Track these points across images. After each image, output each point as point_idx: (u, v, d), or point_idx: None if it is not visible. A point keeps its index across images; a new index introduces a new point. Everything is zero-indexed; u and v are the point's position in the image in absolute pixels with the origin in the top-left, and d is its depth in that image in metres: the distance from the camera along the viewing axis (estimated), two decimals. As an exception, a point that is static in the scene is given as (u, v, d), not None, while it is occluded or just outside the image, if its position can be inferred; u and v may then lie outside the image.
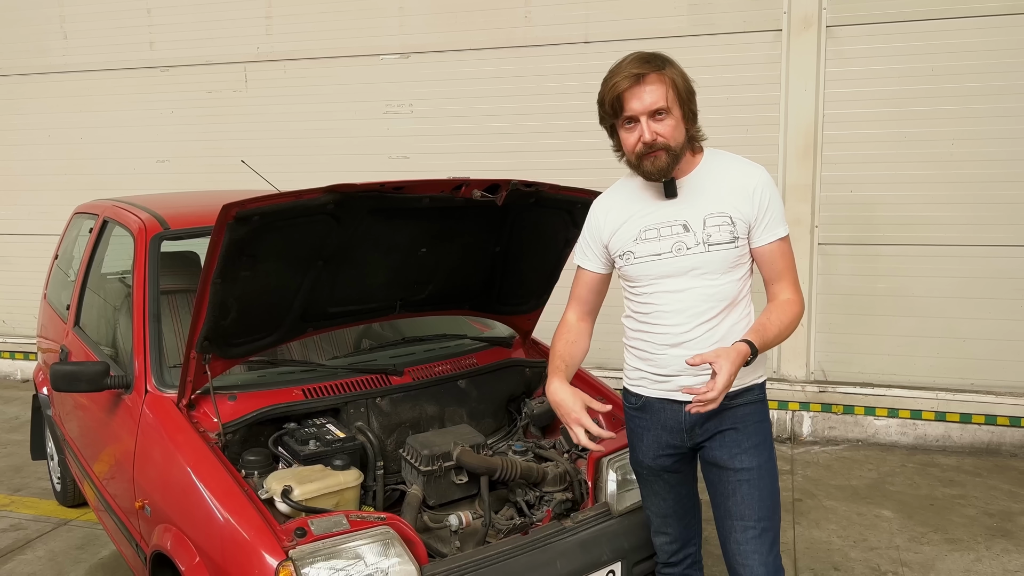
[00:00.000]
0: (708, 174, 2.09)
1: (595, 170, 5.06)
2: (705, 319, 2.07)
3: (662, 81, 1.97)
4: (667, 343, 2.11)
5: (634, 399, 2.25)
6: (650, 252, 2.09)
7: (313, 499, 2.25)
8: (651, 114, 1.97)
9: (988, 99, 4.65)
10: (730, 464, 2.11)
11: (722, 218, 2.04)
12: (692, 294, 2.07)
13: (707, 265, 2.05)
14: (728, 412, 2.11)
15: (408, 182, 2.36)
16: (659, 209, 2.10)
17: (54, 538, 3.87)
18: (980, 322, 4.83)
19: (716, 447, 2.14)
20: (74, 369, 2.74)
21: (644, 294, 2.13)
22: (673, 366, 2.11)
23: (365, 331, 3.57)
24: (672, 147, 2.00)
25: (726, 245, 2.04)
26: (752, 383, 2.15)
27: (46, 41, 6.48)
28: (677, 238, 2.06)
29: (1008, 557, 3.58)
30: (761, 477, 2.11)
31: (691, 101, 2.02)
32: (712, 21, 4.99)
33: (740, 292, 2.10)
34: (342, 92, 5.81)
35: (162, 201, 3.55)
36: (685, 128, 2.03)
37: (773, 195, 2.07)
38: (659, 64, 1.98)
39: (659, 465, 2.25)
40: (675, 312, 2.08)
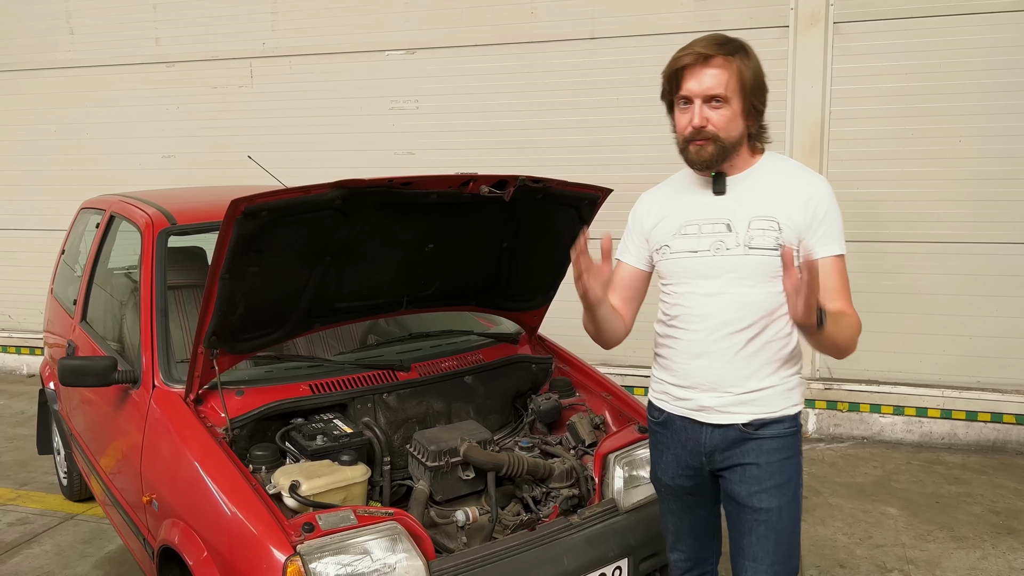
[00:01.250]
0: (763, 176, 1.95)
1: (602, 166, 5.09)
2: (735, 329, 1.92)
3: (727, 67, 1.84)
4: (691, 352, 1.97)
5: (657, 413, 2.12)
6: (687, 248, 1.97)
7: (321, 494, 2.25)
8: (707, 99, 1.86)
9: (996, 96, 4.63)
10: (748, 502, 1.96)
11: (769, 222, 1.89)
12: (725, 299, 1.92)
13: (745, 269, 1.90)
14: (752, 443, 1.95)
15: (416, 178, 2.36)
16: (705, 205, 1.97)
17: (61, 532, 3.88)
18: (986, 320, 4.82)
19: (736, 481, 1.98)
20: (81, 364, 2.75)
21: (675, 294, 2.01)
22: (694, 378, 1.98)
23: (372, 327, 3.57)
24: (721, 139, 1.87)
25: (768, 251, 1.88)
26: (782, 413, 1.96)
27: (52, 36, 6.49)
28: (718, 237, 1.93)
29: (1014, 555, 3.57)
30: (780, 519, 1.95)
31: (756, 96, 1.89)
32: (718, 17, 4.98)
33: (779, 308, 1.91)
34: (347, 88, 5.81)
35: (169, 196, 3.56)
36: (744, 124, 1.90)
37: (831, 208, 1.91)
38: (730, 49, 1.85)
39: (677, 485, 2.13)
40: (704, 317, 1.94)
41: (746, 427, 1.95)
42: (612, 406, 2.99)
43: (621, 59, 5.17)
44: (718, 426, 1.98)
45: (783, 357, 1.95)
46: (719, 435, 1.98)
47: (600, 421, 2.94)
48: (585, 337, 2.84)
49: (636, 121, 5.11)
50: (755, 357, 1.93)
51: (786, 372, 1.96)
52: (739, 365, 1.93)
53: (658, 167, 5.49)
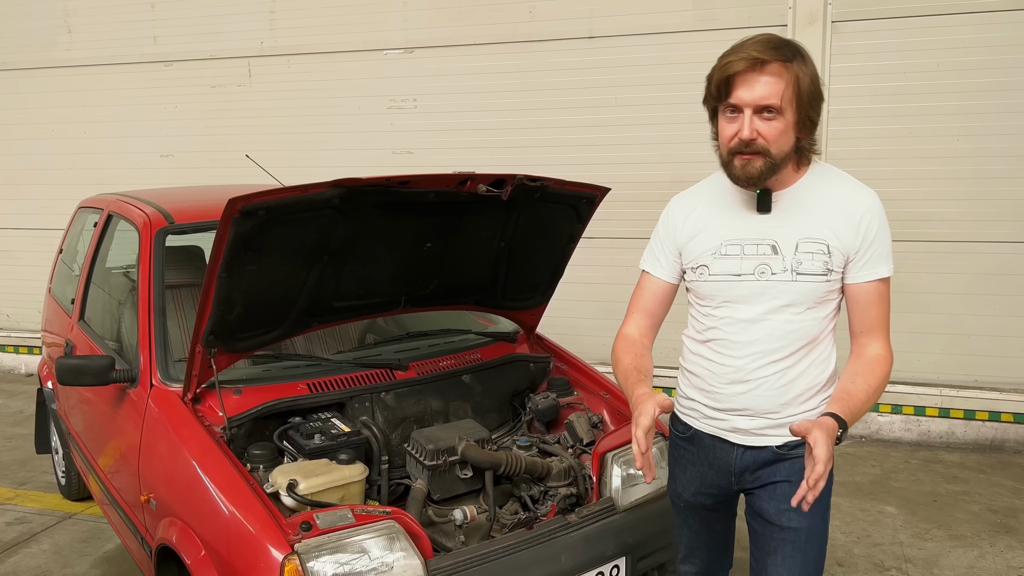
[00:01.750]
0: (810, 192, 1.81)
1: (600, 165, 5.09)
2: (777, 358, 1.81)
3: (783, 75, 1.67)
4: (729, 378, 1.86)
5: (683, 428, 2.02)
6: (728, 271, 1.83)
7: (318, 493, 2.25)
8: (758, 109, 1.69)
9: (993, 95, 4.63)
10: (776, 520, 1.86)
11: (818, 245, 1.76)
12: (767, 327, 1.81)
13: (790, 296, 1.78)
14: (785, 463, 1.85)
15: (414, 176, 2.36)
16: (747, 223, 1.83)
17: (59, 531, 3.88)
18: (984, 319, 4.82)
19: (765, 498, 1.88)
20: (79, 363, 2.75)
21: (712, 316, 1.88)
22: (731, 404, 1.87)
23: (370, 326, 3.57)
24: (772, 154, 1.72)
25: (817, 277, 1.77)
26: None
27: (50, 35, 6.48)
28: (762, 260, 1.79)
29: (1012, 553, 3.58)
30: (808, 540, 1.86)
31: (812, 107, 1.72)
32: (716, 16, 4.98)
33: (822, 332, 1.83)
34: (346, 87, 5.80)
35: (167, 195, 3.55)
36: (796, 137, 1.74)
37: (882, 227, 1.79)
38: (787, 54, 1.68)
39: (698, 502, 2.04)
40: (744, 344, 1.83)
41: (780, 448, 1.87)
42: (610, 405, 2.99)
43: (619, 58, 5.17)
44: (750, 447, 1.89)
45: (823, 381, 1.86)
46: (751, 456, 1.90)
47: (598, 420, 2.95)
48: (583, 336, 2.84)
49: (634, 120, 5.11)
50: (795, 383, 1.83)
51: (825, 395, 1.86)
52: (779, 392, 1.83)
53: (656, 166, 5.50)
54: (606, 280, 5.27)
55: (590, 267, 4.54)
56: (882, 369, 1.80)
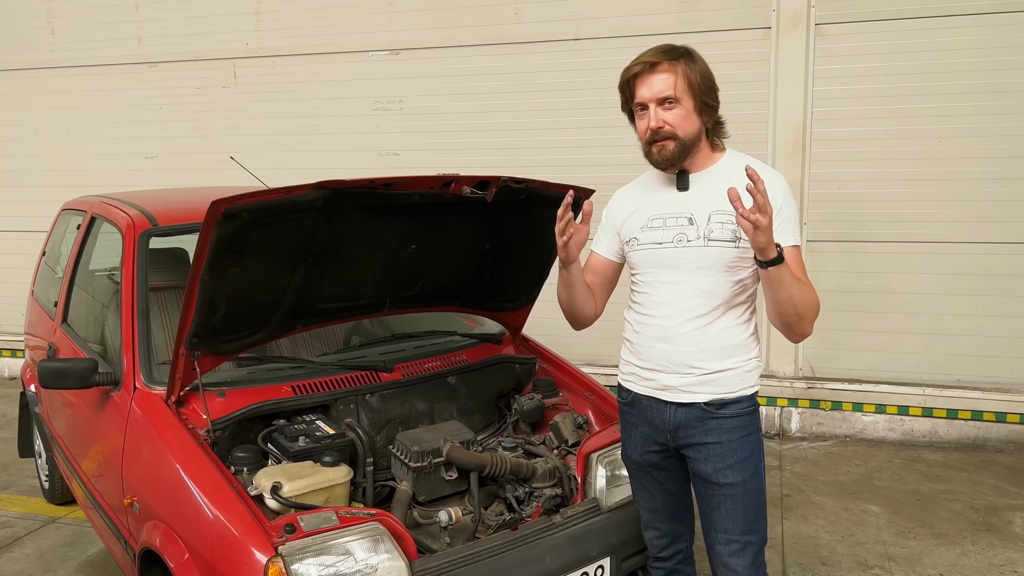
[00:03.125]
0: (724, 173, 2.07)
1: (585, 167, 5.10)
2: (694, 315, 2.06)
3: (672, 70, 2.00)
4: (654, 336, 2.12)
5: (625, 394, 2.26)
6: (652, 240, 2.11)
7: (303, 495, 2.25)
8: (659, 102, 2.01)
9: (975, 97, 4.68)
10: (714, 479, 2.10)
11: (727, 216, 2.00)
12: (685, 288, 2.06)
13: (703, 260, 2.04)
14: (714, 422, 2.09)
15: (398, 178, 2.36)
16: (670, 200, 2.12)
17: (42, 536, 3.85)
18: (966, 319, 4.87)
19: (701, 460, 2.12)
20: (62, 366, 2.73)
21: (642, 283, 2.15)
22: (658, 360, 2.12)
23: (355, 328, 3.56)
24: (680, 136, 2.02)
25: (726, 243, 2.03)
26: (740, 393, 2.11)
27: (33, 36, 6.44)
28: (680, 229, 2.07)
29: (993, 551, 3.61)
30: (746, 493, 2.10)
31: (706, 94, 2.03)
32: (701, 19, 5.01)
33: (737, 296, 2.08)
34: (332, 89, 5.80)
35: (151, 198, 3.54)
36: (700, 121, 2.04)
37: (786, 203, 2.04)
38: (674, 55, 2.01)
39: (647, 461, 2.25)
40: (666, 304, 2.09)
41: (707, 406, 2.09)
42: (595, 406, 3.00)
43: (605, 60, 5.18)
44: (681, 404, 2.11)
45: (741, 342, 2.09)
46: (683, 413, 2.12)
47: (583, 421, 2.95)
48: (568, 337, 2.85)
49: (619, 122, 5.04)
50: (714, 341, 2.07)
51: (744, 356, 2.10)
52: (699, 348, 2.07)
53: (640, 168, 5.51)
54: (592, 281, 5.28)
55: (576, 268, 4.54)
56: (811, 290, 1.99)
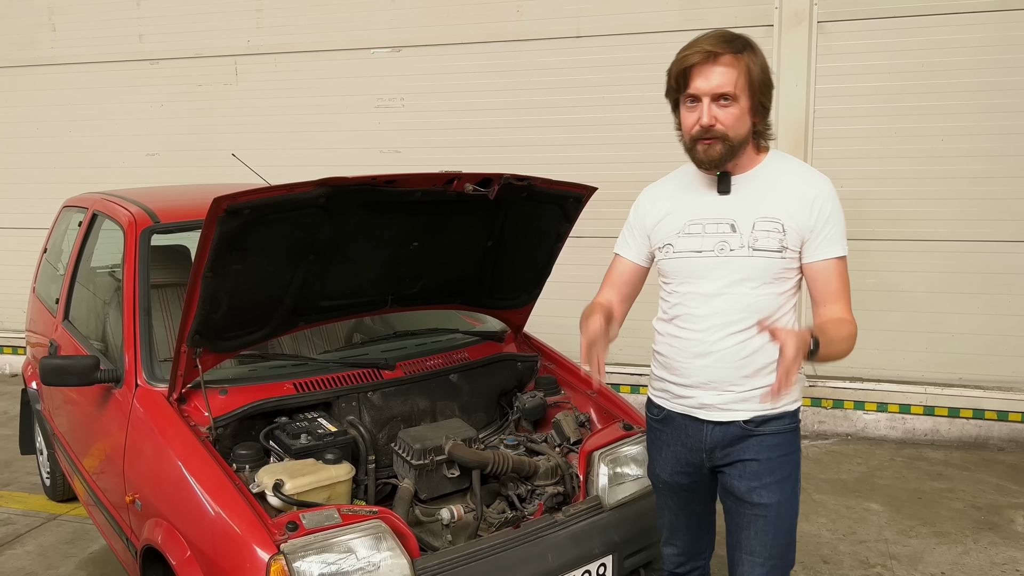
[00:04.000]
0: (768, 176, 1.94)
1: (587, 164, 5.10)
2: (736, 330, 1.91)
3: (735, 65, 1.82)
4: (693, 351, 1.97)
5: (656, 411, 2.13)
6: (691, 248, 1.95)
7: (305, 493, 2.24)
8: (715, 97, 1.83)
9: (977, 95, 4.67)
10: (748, 498, 1.98)
11: (773, 223, 1.88)
12: (727, 300, 1.92)
13: (748, 270, 1.90)
14: (753, 440, 1.96)
15: (400, 176, 2.36)
16: (709, 204, 1.96)
17: (44, 533, 3.85)
18: (968, 317, 4.86)
19: (736, 477, 1.99)
20: (64, 363, 2.73)
21: (677, 293, 2.00)
22: (696, 377, 1.98)
23: (356, 325, 3.56)
24: (730, 137, 1.86)
25: (772, 253, 1.88)
26: (783, 410, 1.97)
27: (34, 33, 6.43)
28: (722, 237, 1.92)
29: (995, 550, 3.61)
30: (779, 515, 1.97)
31: (764, 94, 1.87)
32: (703, 16, 5.00)
33: (780, 308, 1.93)
34: (333, 86, 5.79)
35: (152, 195, 3.53)
36: (752, 122, 1.89)
37: (835, 209, 1.91)
38: (738, 46, 1.83)
39: (675, 482, 2.14)
40: (705, 317, 1.94)
41: (747, 424, 1.96)
42: (597, 404, 2.99)
43: (607, 58, 5.19)
44: (719, 423, 1.98)
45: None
46: (720, 432, 1.99)
47: (585, 419, 2.95)
48: (571, 335, 2.85)
49: (621, 120, 5.12)
50: (756, 356, 1.92)
51: None
52: (740, 364, 1.93)
53: (642, 165, 5.50)
54: (593, 279, 5.23)
55: (577, 266, 4.52)
56: (849, 326, 1.89)
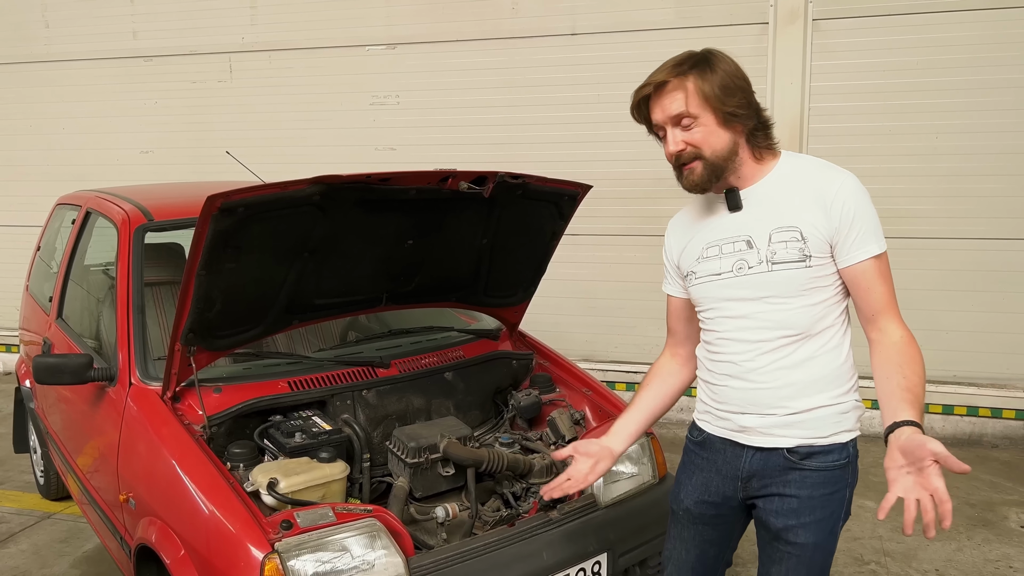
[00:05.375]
0: (779, 182, 1.82)
1: (583, 162, 5.10)
2: (769, 348, 1.80)
3: (681, 87, 1.75)
4: (727, 373, 1.87)
5: (696, 433, 2.02)
6: (710, 272, 1.86)
7: (299, 491, 2.24)
8: (675, 122, 1.77)
9: (972, 93, 4.68)
10: (782, 535, 1.84)
11: (791, 233, 1.76)
12: (756, 320, 1.81)
13: (770, 287, 1.78)
14: (795, 473, 1.81)
15: (394, 173, 2.35)
16: (723, 224, 1.86)
17: (37, 531, 3.84)
18: (962, 314, 4.87)
19: (772, 513, 1.85)
20: (57, 361, 2.72)
21: (707, 319, 1.91)
22: (734, 400, 1.86)
23: (351, 323, 3.56)
24: (707, 155, 1.77)
25: (793, 264, 1.76)
26: (832, 440, 1.81)
27: (27, 30, 6.40)
28: (739, 256, 1.82)
29: (989, 547, 3.62)
30: (813, 556, 1.83)
31: (728, 102, 1.74)
32: (698, 14, 5.00)
33: (819, 319, 1.79)
34: (328, 83, 5.78)
35: (146, 192, 3.52)
36: (729, 133, 1.77)
37: (860, 205, 1.75)
38: (682, 69, 1.76)
39: (699, 512, 2.00)
40: (734, 341, 1.84)
41: (791, 453, 1.82)
42: (592, 402, 2.99)
43: (602, 55, 5.18)
44: (760, 449, 1.85)
45: (831, 372, 1.81)
46: (760, 460, 1.86)
47: (580, 417, 2.95)
48: (566, 333, 2.84)
49: (617, 117, 5.06)
50: (796, 375, 1.80)
51: (837, 391, 1.82)
52: (780, 385, 1.80)
53: (638, 163, 5.50)
54: (589, 277, 5.28)
55: (573, 264, 4.56)
56: (919, 355, 1.77)
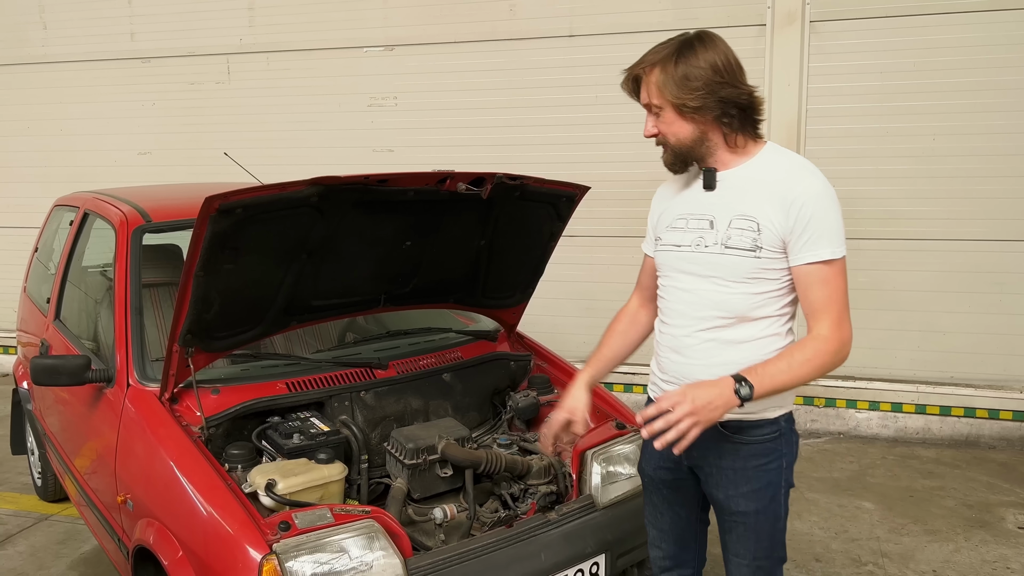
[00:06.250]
0: (753, 173, 1.89)
1: (580, 164, 5.10)
2: (705, 327, 1.90)
3: (647, 81, 1.89)
4: (668, 345, 1.99)
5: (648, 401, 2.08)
6: (673, 242, 1.98)
7: (297, 493, 2.24)
8: (648, 109, 1.92)
9: (969, 95, 4.69)
10: (726, 505, 1.98)
11: (749, 222, 1.84)
12: (699, 296, 1.91)
13: (718, 268, 1.88)
14: (730, 446, 1.93)
15: (393, 175, 2.35)
16: (696, 200, 1.96)
17: (35, 533, 3.84)
18: (959, 316, 4.88)
19: (713, 485, 1.99)
20: (55, 363, 2.72)
21: (662, 287, 2.03)
22: (672, 372, 1.98)
23: (349, 324, 3.56)
24: (671, 143, 1.90)
25: (744, 252, 1.85)
26: (762, 416, 1.91)
27: (25, 31, 6.40)
28: (700, 233, 1.92)
29: (986, 548, 3.62)
30: (759, 521, 1.96)
31: (681, 96, 1.82)
32: (696, 16, 5.00)
33: (757, 307, 1.87)
34: (326, 85, 5.78)
35: (144, 193, 3.52)
36: (693, 124, 1.85)
37: (820, 209, 1.81)
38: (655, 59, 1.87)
39: (659, 477, 2.13)
40: (678, 313, 1.96)
41: (724, 427, 1.90)
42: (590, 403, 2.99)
43: (600, 57, 5.18)
44: None
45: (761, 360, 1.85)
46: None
47: (578, 418, 2.95)
48: (564, 334, 2.84)
49: (614, 119, 5.11)
50: (728, 355, 1.88)
51: None
52: (711, 363, 1.89)
53: (635, 164, 5.51)
54: (587, 278, 5.28)
55: (571, 265, 4.56)
56: (813, 346, 1.81)
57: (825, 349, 1.81)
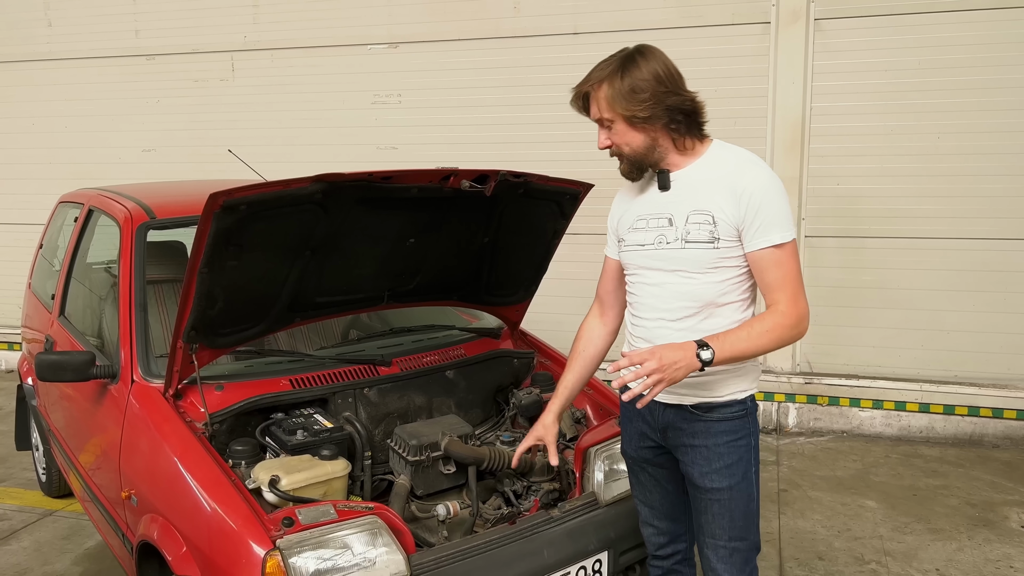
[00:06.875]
0: (703, 171, 2.02)
1: (584, 161, 5.06)
2: (675, 317, 2.03)
3: (594, 95, 2.02)
4: (641, 337, 2.11)
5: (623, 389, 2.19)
6: (636, 241, 2.11)
7: (300, 489, 2.24)
8: (600, 124, 2.04)
9: (974, 93, 4.68)
10: (700, 483, 2.07)
11: (704, 216, 1.98)
12: (667, 289, 2.04)
13: (681, 262, 2.01)
14: (700, 425, 2.06)
15: (396, 172, 2.36)
16: (653, 200, 2.09)
17: (39, 528, 3.85)
18: (963, 314, 4.87)
19: (688, 463, 2.10)
20: (59, 359, 2.72)
21: (631, 283, 2.16)
22: None
23: (353, 321, 3.56)
24: (626, 153, 2.03)
25: (703, 245, 1.98)
26: (730, 398, 2.05)
27: (30, 28, 6.41)
28: (660, 231, 2.05)
29: (989, 547, 3.62)
30: (732, 499, 2.05)
31: (629, 108, 1.94)
32: (701, 13, 5.00)
33: (723, 294, 2.01)
34: (330, 82, 5.78)
35: (148, 190, 3.53)
36: (643, 133, 1.98)
37: (768, 198, 1.94)
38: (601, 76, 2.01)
39: (642, 457, 2.24)
40: (648, 307, 2.09)
41: (695, 408, 2.06)
42: (593, 400, 3.00)
43: (604, 55, 5.12)
44: (669, 405, 2.09)
45: None
46: (671, 413, 2.10)
47: (581, 415, 2.96)
48: (567, 331, 2.85)
49: (619, 116, 5.12)
50: None
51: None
52: None
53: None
54: (590, 276, 5.23)
55: (574, 263, 4.53)
56: (772, 319, 1.95)
57: (783, 323, 1.95)
